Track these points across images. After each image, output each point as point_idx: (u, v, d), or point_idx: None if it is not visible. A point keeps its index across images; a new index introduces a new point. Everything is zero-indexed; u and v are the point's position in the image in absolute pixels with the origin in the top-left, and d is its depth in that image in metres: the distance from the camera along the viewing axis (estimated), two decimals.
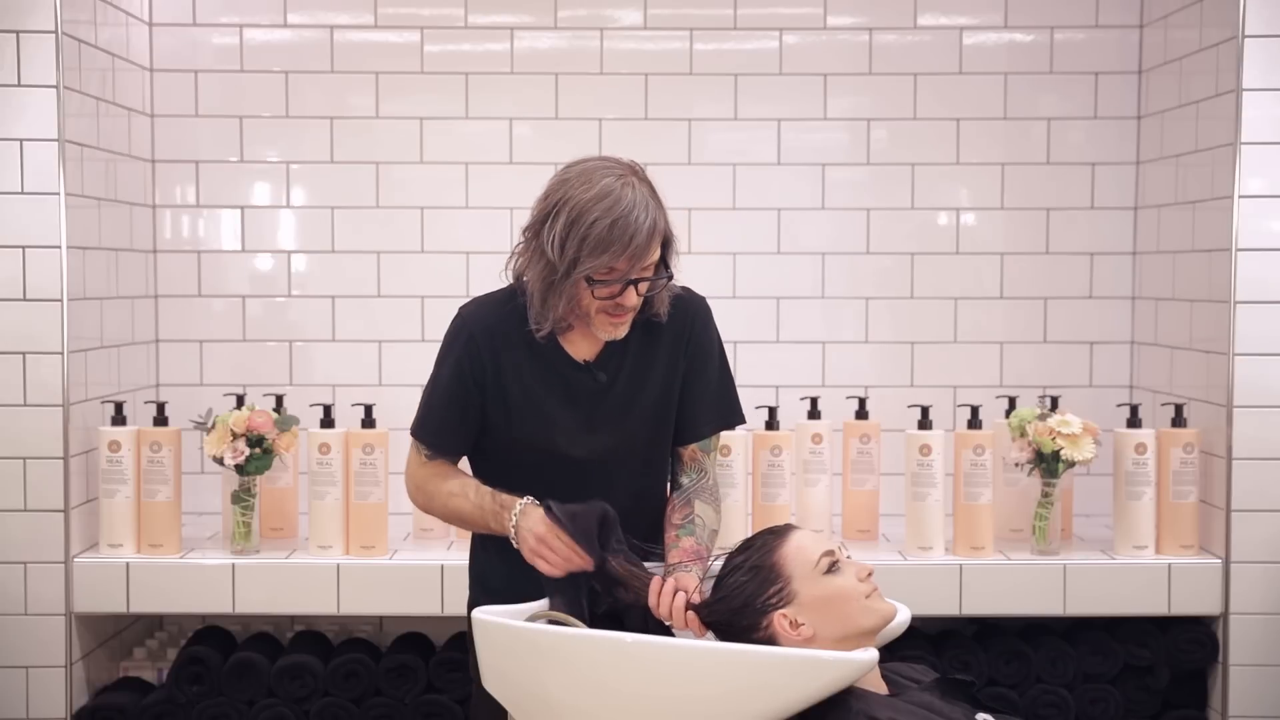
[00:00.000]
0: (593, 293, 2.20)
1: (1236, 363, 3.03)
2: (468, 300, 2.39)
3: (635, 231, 2.16)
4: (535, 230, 2.24)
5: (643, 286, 2.22)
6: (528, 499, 2.24)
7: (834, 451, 3.27)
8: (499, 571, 2.35)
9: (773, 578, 2.09)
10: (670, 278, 2.27)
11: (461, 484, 2.33)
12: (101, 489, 3.07)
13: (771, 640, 2.08)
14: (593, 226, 2.16)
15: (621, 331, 2.27)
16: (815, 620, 2.07)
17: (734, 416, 2.43)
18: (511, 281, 2.34)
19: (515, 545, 2.23)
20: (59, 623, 3.03)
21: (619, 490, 2.29)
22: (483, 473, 2.36)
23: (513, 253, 2.31)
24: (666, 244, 2.27)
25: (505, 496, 2.26)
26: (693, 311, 2.37)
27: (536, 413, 2.30)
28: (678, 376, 2.36)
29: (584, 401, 2.31)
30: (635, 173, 2.26)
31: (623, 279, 2.19)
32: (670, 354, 2.35)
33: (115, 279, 3.28)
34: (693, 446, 2.39)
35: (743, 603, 2.09)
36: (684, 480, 2.39)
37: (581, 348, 2.32)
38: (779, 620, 2.07)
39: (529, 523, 2.21)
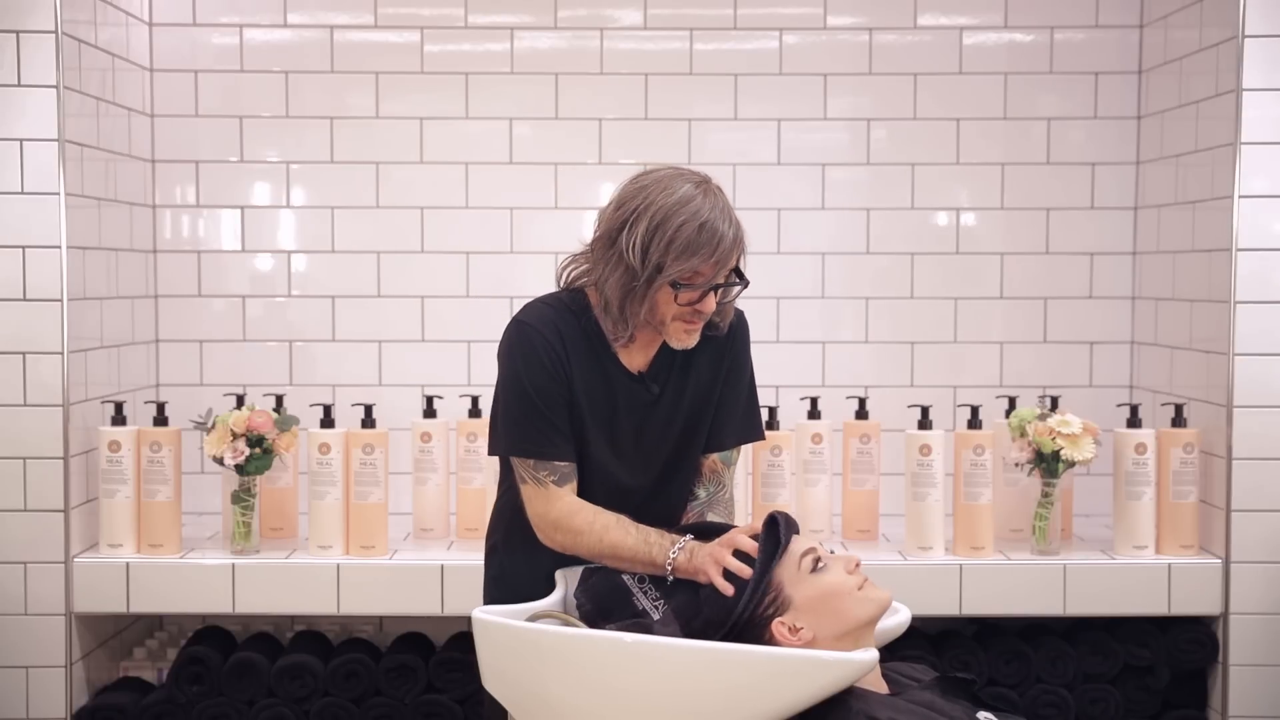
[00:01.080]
0: (676, 298, 2.21)
1: (1236, 363, 3.03)
2: (520, 309, 2.35)
3: (722, 236, 2.18)
4: (611, 239, 2.23)
5: (723, 292, 2.25)
6: (688, 537, 2.22)
7: (834, 451, 3.27)
8: (521, 572, 2.36)
9: (765, 588, 2.09)
10: (747, 284, 2.28)
11: (615, 519, 2.25)
12: (101, 489, 3.07)
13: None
14: (679, 230, 2.17)
15: (693, 340, 2.29)
16: (812, 621, 2.06)
17: (756, 432, 2.46)
18: (560, 289, 2.35)
19: (671, 576, 2.20)
20: (59, 623, 3.03)
21: (646, 497, 2.31)
22: (509, 479, 2.35)
23: (568, 263, 2.34)
24: (742, 248, 2.29)
25: (670, 534, 2.23)
26: (736, 328, 2.40)
27: (596, 421, 2.30)
28: (714, 390, 2.38)
29: (636, 412, 2.32)
30: (710, 182, 2.26)
31: (707, 284, 2.21)
32: (711, 369, 2.36)
33: (115, 279, 3.28)
34: (714, 458, 2.40)
35: (743, 622, 2.09)
36: (701, 493, 2.41)
37: (636, 360, 2.33)
38: (777, 628, 2.06)
39: (702, 552, 2.17)
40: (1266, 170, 3.03)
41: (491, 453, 2.35)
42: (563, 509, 2.26)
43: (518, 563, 2.36)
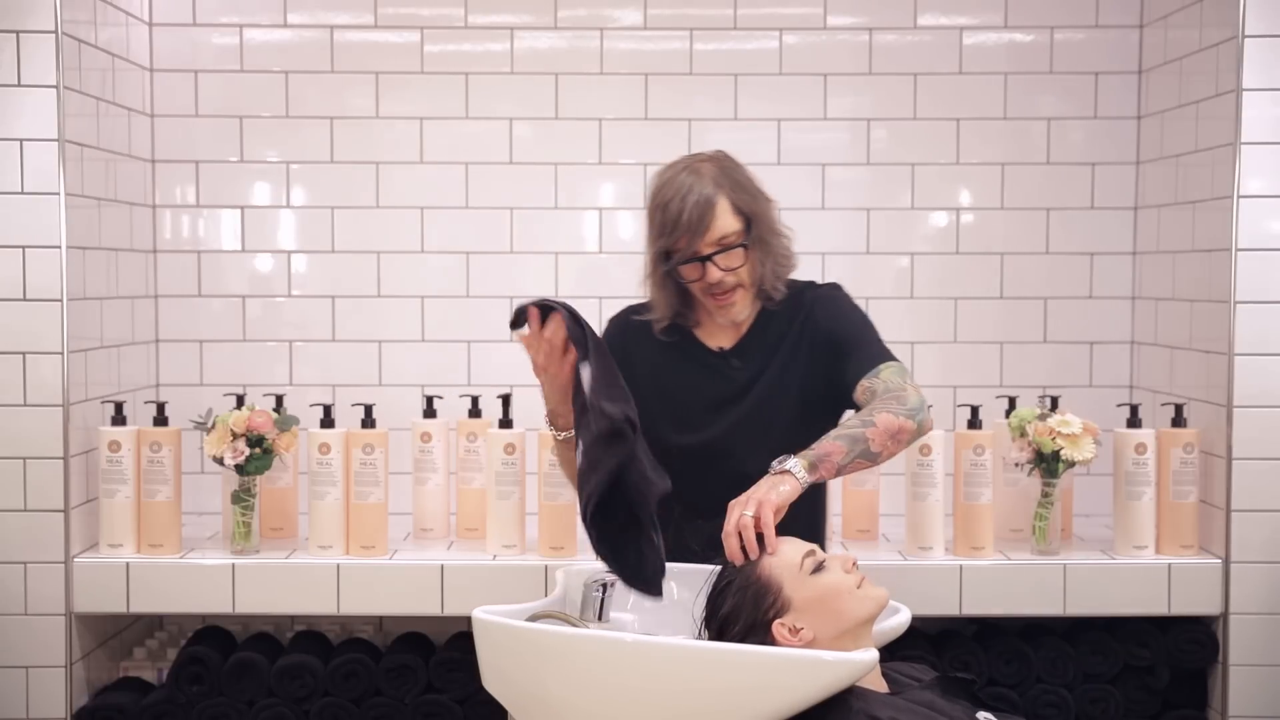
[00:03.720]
0: (684, 275, 2.44)
1: (1236, 363, 3.03)
2: None
3: (682, 209, 2.40)
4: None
5: (722, 259, 2.41)
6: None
7: None
8: None
9: (763, 590, 2.10)
10: (743, 246, 2.42)
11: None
12: (101, 489, 3.07)
13: None
14: (657, 212, 2.45)
15: (733, 312, 2.48)
16: (812, 622, 2.07)
17: (881, 357, 2.47)
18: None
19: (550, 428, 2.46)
20: (59, 623, 3.03)
21: (751, 479, 2.33)
22: None
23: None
24: (754, 220, 2.44)
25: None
26: (809, 298, 2.53)
27: (664, 401, 2.49)
28: (799, 363, 2.47)
29: (714, 386, 2.48)
30: (709, 159, 2.48)
31: (683, 258, 2.42)
32: (793, 342, 2.48)
33: (115, 279, 3.28)
34: (860, 384, 2.42)
35: (747, 626, 2.09)
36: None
37: (720, 338, 2.53)
38: (778, 630, 2.07)
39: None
40: (1266, 170, 3.03)
41: None
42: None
43: None
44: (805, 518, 2.44)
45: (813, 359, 2.48)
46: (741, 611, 2.10)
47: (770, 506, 2.17)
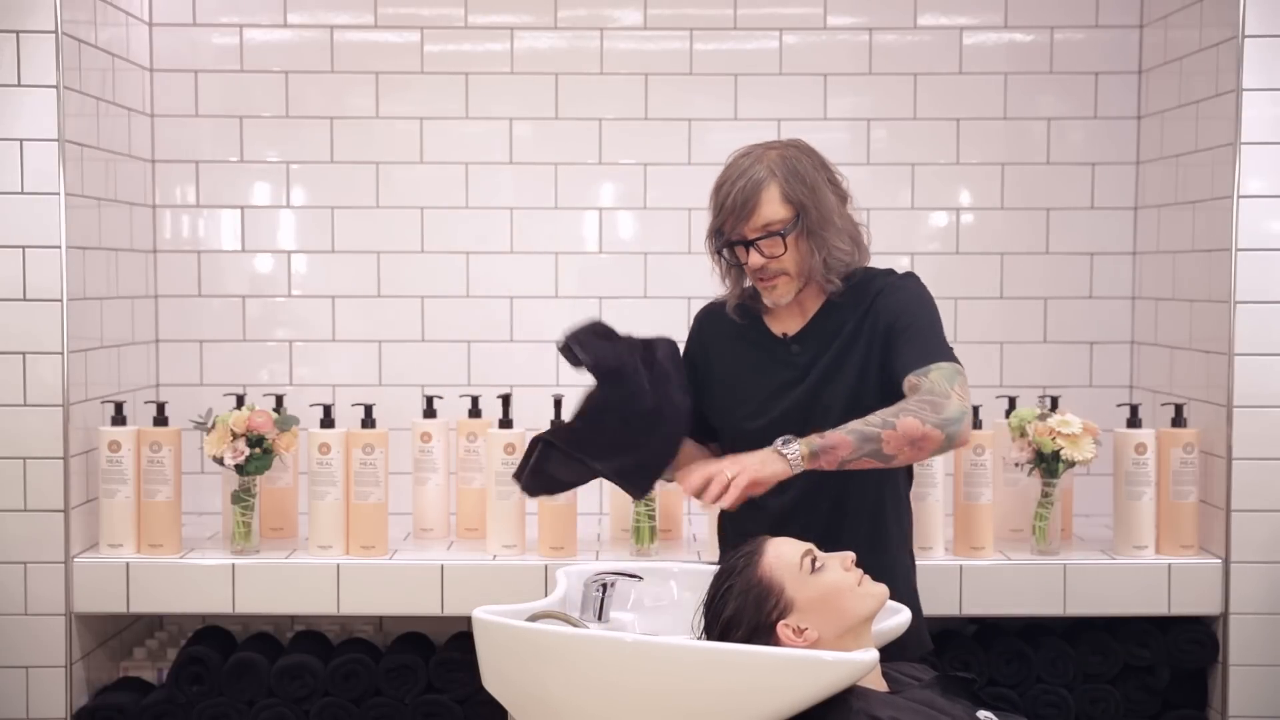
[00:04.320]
0: (734, 258, 2.48)
1: (1236, 363, 3.03)
2: None
3: (728, 193, 2.44)
4: None
5: (764, 245, 2.43)
6: None
7: None
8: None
9: (765, 592, 2.09)
10: (780, 234, 2.43)
11: None
12: (101, 489, 3.07)
13: None
14: (715, 194, 2.49)
15: (777, 296, 2.49)
16: (816, 621, 2.07)
17: (935, 356, 2.40)
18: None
19: None
20: (59, 623, 3.03)
21: (810, 474, 2.34)
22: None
23: None
24: (805, 211, 2.44)
25: None
26: (876, 285, 2.51)
27: (732, 386, 2.53)
28: (858, 350, 2.46)
29: (776, 371, 2.49)
30: (777, 146, 2.51)
31: (725, 241, 2.47)
32: (854, 329, 2.47)
33: (115, 279, 3.28)
34: (907, 379, 2.38)
35: (750, 628, 2.08)
36: None
37: (786, 324, 2.53)
38: (782, 631, 2.06)
39: None
40: (1266, 170, 3.03)
41: None
42: None
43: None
44: (865, 530, 2.47)
45: (871, 346, 2.46)
46: (744, 615, 2.09)
47: (749, 478, 2.23)
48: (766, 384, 2.50)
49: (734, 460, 2.28)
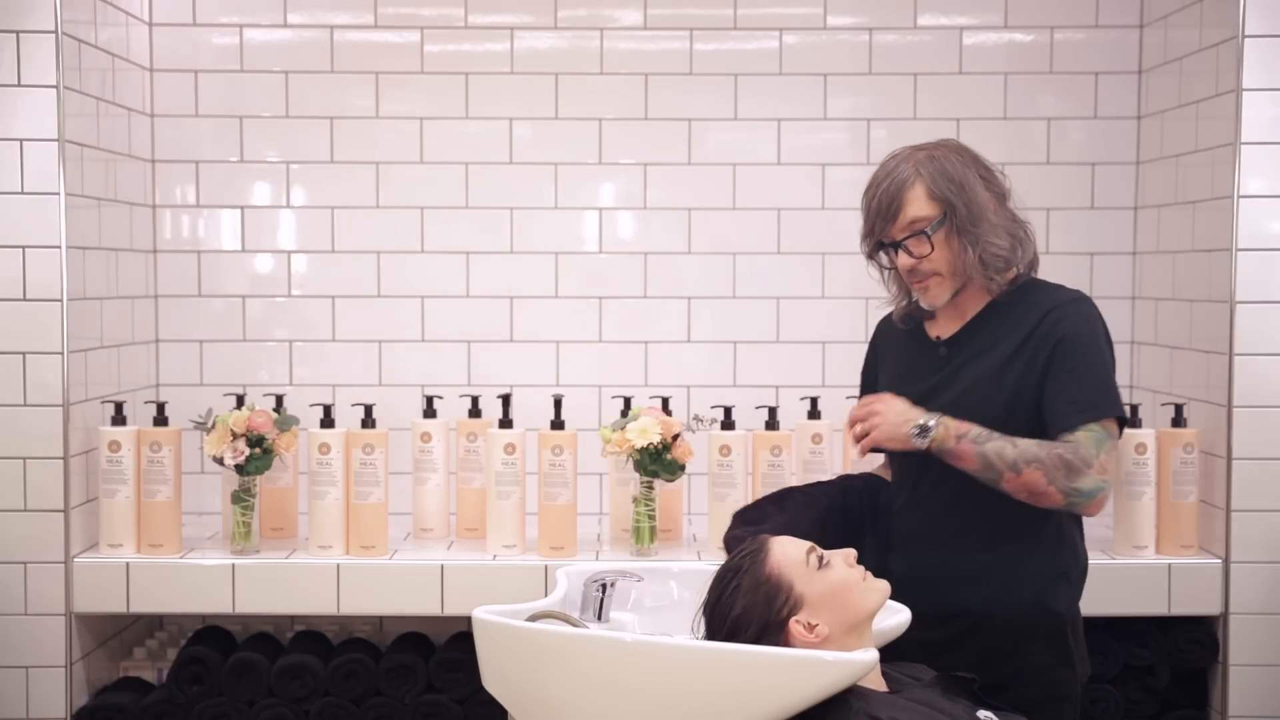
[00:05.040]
0: (887, 263, 2.47)
1: (1236, 363, 3.03)
2: None
3: (874, 195, 2.44)
4: None
5: (912, 244, 2.40)
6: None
7: (834, 451, 3.27)
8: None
9: (774, 589, 2.08)
10: (925, 233, 2.40)
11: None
12: (101, 489, 3.07)
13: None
14: (863, 199, 2.48)
15: (931, 298, 2.46)
16: (826, 616, 2.06)
17: (1094, 409, 2.35)
18: None
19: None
20: (59, 623, 3.03)
21: (952, 479, 2.36)
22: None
23: None
24: (954, 209, 2.40)
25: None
26: (1055, 308, 2.43)
27: (890, 383, 2.52)
28: (1020, 360, 2.40)
29: (923, 375, 2.48)
30: (927, 146, 2.48)
31: (891, 242, 2.43)
32: (1019, 339, 2.40)
33: (115, 279, 3.28)
34: (1063, 437, 2.35)
35: (761, 626, 2.07)
36: None
37: (942, 328, 2.51)
38: (795, 627, 2.06)
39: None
40: (1266, 170, 3.03)
41: None
42: None
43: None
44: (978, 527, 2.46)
45: (1031, 367, 2.39)
46: (754, 613, 2.07)
47: (882, 433, 2.39)
48: (913, 387, 2.47)
49: (886, 407, 2.40)
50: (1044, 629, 2.42)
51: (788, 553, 2.11)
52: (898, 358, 2.57)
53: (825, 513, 2.53)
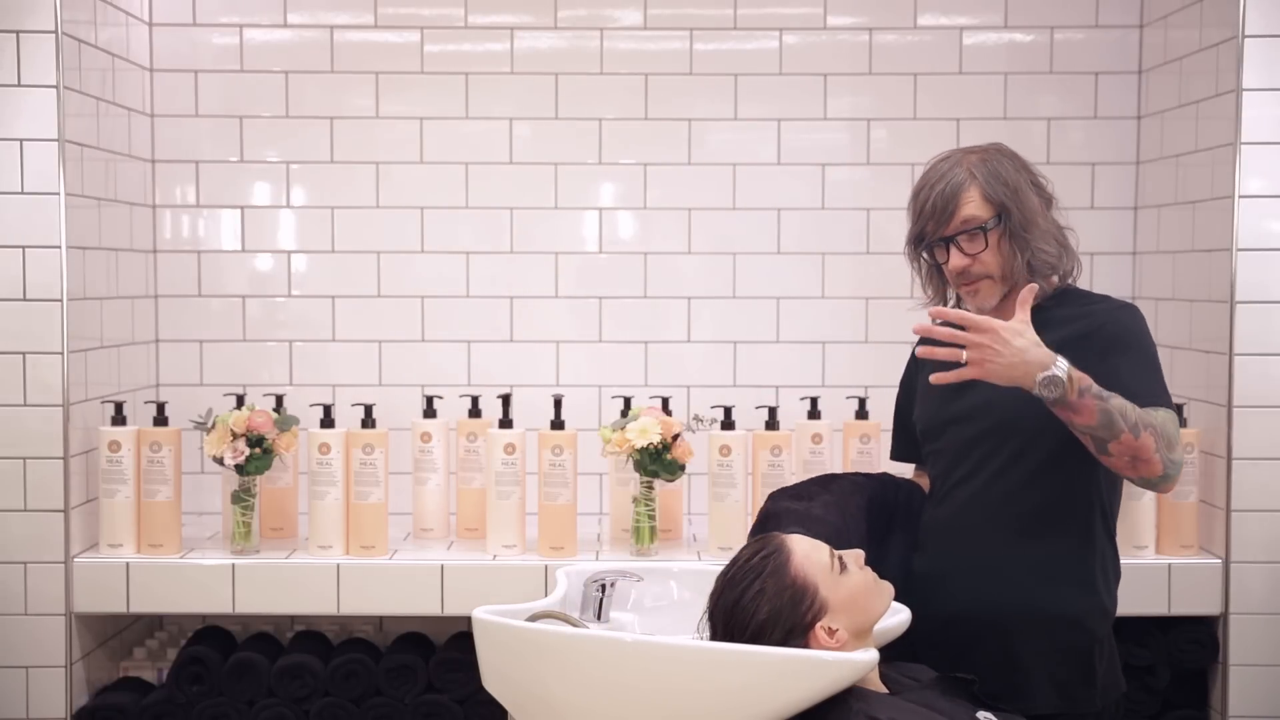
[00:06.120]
0: (936, 261, 2.46)
1: (1236, 363, 3.03)
2: None
3: (928, 195, 2.43)
4: None
5: (964, 243, 2.40)
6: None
7: (834, 451, 3.27)
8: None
9: (800, 594, 2.06)
10: (983, 230, 2.40)
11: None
12: (101, 489, 3.07)
13: None
14: (913, 201, 2.48)
15: (981, 301, 2.45)
16: (845, 621, 2.06)
17: (1163, 396, 2.35)
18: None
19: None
20: (59, 623, 3.03)
21: (988, 482, 2.36)
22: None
23: None
24: (1007, 211, 2.41)
25: None
26: (1102, 308, 2.45)
27: (926, 394, 2.51)
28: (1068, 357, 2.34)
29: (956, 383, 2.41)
30: (977, 149, 2.49)
31: (943, 241, 2.42)
32: (1062, 342, 2.32)
33: (115, 279, 3.28)
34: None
35: (786, 631, 2.05)
36: None
37: None
38: (820, 632, 2.05)
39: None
40: (1266, 170, 3.03)
41: None
42: None
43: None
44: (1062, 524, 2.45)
45: (1083, 358, 2.32)
46: (780, 617, 2.05)
47: (996, 369, 2.22)
48: (951, 386, 2.39)
49: (1009, 339, 2.21)
50: (1064, 640, 2.41)
51: (811, 556, 2.08)
52: (938, 361, 2.49)
53: (869, 501, 2.52)
